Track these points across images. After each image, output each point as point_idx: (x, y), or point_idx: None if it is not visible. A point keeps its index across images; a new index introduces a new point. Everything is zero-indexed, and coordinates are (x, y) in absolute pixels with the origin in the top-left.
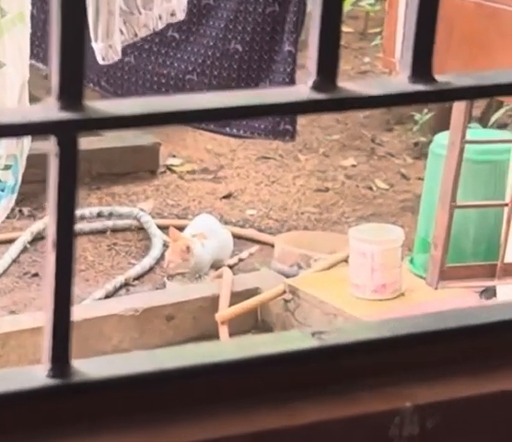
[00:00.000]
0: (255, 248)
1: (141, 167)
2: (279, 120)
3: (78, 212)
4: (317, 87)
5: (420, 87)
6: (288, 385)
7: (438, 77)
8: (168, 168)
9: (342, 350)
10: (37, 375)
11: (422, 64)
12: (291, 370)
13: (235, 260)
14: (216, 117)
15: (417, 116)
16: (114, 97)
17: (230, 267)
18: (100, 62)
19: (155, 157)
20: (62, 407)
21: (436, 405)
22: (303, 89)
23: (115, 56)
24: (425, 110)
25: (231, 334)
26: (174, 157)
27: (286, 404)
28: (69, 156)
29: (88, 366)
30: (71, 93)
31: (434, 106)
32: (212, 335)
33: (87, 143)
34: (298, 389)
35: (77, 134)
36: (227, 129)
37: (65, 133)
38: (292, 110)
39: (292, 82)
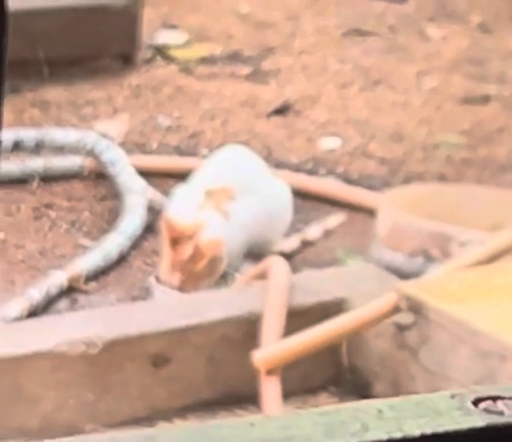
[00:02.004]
0: (338, 217)
1: (104, 48)
2: None
3: None
4: None
5: None
6: None
7: None
8: (161, 51)
9: None
10: None
11: None
12: None
13: (295, 242)
14: None
15: None
16: None
17: (285, 256)
18: None
19: (132, 30)
20: None
21: None
22: None
23: None
24: None
25: (287, 394)
26: (174, 28)
27: None
28: None
29: None
30: None
31: None
32: (247, 396)
33: None
34: None
35: None
36: None
37: None
38: None
39: None
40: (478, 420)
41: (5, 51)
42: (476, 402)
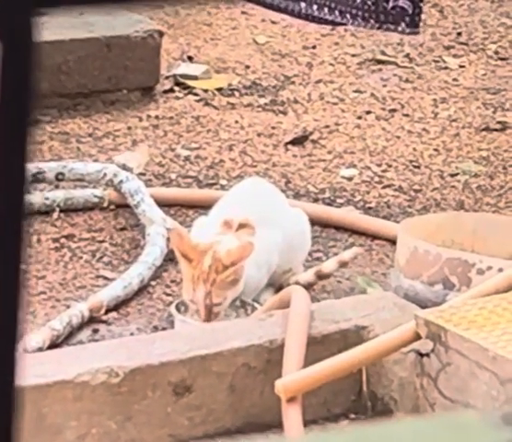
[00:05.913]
0: (354, 250)
1: (123, 80)
2: None
3: None
4: None
5: None
6: None
7: None
8: (179, 82)
9: None
10: None
11: None
12: None
13: (310, 275)
14: None
15: None
16: None
17: (305, 286)
18: None
19: (151, 61)
20: None
21: None
22: None
23: None
24: None
25: (308, 421)
26: (191, 60)
27: None
28: (19, 54)
29: None
30: None
31: None
32: (268, 424)
33: None
34: None
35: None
36: (302, 4)
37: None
38: None
39: None
40: None
41: (34, 86)
42: (507, 418)
